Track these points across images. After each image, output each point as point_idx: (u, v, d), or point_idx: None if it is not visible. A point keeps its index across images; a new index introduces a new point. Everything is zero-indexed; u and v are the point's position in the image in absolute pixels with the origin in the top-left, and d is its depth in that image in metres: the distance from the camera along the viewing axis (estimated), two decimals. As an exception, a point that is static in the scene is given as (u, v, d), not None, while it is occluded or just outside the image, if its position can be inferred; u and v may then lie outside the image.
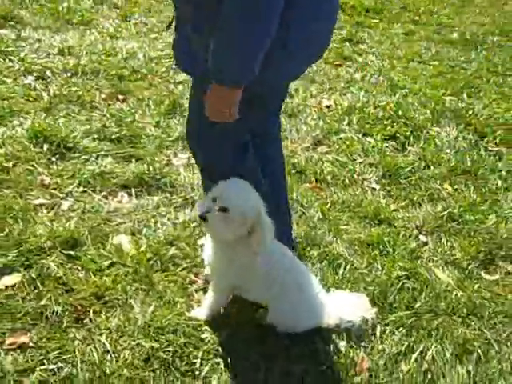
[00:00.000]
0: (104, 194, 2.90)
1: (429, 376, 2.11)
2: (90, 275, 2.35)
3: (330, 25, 2.04)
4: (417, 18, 7.20)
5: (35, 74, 4.00)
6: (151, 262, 2.47)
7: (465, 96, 4.69)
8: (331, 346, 2.18)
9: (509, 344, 2.30)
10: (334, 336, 2.22)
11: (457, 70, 5.44)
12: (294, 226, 2.65)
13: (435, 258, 2.74)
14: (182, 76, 4.13)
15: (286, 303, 2.15)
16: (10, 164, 2.97)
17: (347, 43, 5.77)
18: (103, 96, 3.87)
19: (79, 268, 2.38)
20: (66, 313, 2.16)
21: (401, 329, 2.29)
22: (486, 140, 3.97)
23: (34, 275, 2.29)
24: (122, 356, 2.02)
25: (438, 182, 3.41)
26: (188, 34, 1.94)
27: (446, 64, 5.58)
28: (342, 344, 2.19)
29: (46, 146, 3.15)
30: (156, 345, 2.08)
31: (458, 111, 4.36)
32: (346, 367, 2.10)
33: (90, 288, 2.28)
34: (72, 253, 2.44)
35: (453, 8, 7.97)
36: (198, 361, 2.05)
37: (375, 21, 6.79)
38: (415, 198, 3.22)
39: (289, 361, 2.11)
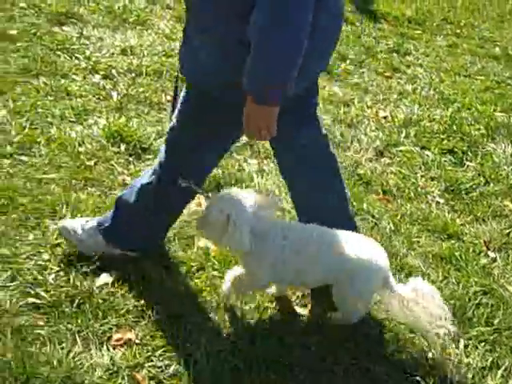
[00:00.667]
0: (183, 196, 2.98)
1: (515, 392, 2.19)
2: (180, 276, 2.43)
3: (341, 21, 2.06)
4: (458, 30, 7.24)
5: (101, 73, 4.08)
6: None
7: (515, 113, 4.75)
8: (413, 352, 2.26)
9: None
10: (415, 341, 2.30)
11: (503, 86, 5.49)
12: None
13: (506, 275, 2.80)
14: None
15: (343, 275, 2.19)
16: (92, 163, 3.06)
17: (395, 54, 5.82)
18: (169, 98, 3.95)
19: (170, 269, 2.47)
20: (165, 312, 2.25)
21: (483, 344, 2.35)
22: (541, 158, 4.02)
23: (131, 274, 2.38)
24: (222, 357, 2.10)
25: (499, 198, 3.48)
26: (196, 37, 1.87)
27: (492, 79, 5.63)
28: (429, 353, 2.27)
29: (123, 146, 3.24)
30: (253, 348, 2.16)
31: (510, 128, 4.42)
32: (436, 377, 2.17)
33: (184, 289, 2.37)
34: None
35: (492, 22, 8.01)
36: (296, 366, 2.13)
37: (418, 32, 6.84)
38: (479, 214, 3.28)
39: (370, 362, 2.20)
